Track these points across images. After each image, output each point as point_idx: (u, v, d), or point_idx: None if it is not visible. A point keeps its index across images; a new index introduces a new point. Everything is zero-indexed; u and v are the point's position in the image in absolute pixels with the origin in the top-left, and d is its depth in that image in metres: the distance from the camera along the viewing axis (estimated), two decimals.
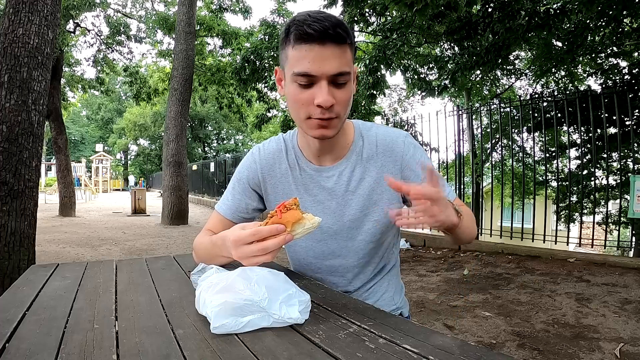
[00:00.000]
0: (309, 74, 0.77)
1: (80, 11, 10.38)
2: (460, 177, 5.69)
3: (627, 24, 6.54)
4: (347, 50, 0.79)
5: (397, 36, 6.04)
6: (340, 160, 0.94)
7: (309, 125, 0.83)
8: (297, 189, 0.96)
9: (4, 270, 2.84)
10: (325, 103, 0.77)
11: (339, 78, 0.78)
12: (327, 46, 0.76)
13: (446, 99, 14.40)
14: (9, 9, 3.03)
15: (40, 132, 3.13)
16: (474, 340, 2.35)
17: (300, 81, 0.78)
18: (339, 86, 0.79)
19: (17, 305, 0.72)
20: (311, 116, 0.81)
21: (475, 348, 0.53)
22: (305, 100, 0.80)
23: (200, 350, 0.54)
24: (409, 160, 0.93)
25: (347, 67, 0.79)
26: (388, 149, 0.94)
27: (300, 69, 0.77)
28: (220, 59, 13.46)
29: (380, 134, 0.96)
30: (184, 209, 8.72)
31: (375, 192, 0.93)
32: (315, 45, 0.75)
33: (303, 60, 0.77)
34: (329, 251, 0.98)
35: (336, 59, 0.77)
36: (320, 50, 0.76)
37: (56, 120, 9.46)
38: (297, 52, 0.77)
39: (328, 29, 0.75)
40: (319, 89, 0.78)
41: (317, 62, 0.76)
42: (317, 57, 0.76)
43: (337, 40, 0.76)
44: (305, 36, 0.75)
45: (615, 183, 5.61)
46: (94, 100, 39.10)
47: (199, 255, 0.98)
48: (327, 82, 0.78)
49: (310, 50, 0.76)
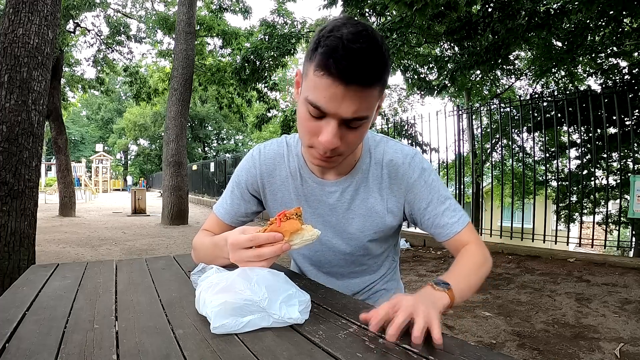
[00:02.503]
0: (320, 109, 0.69)
1: (80, 11, 10.38)
2: (460, 177, 5.69)
3: (627, 24, 6.54)
4: (374, 91, 0.68)
5: (397, 36, 6.04)
6: (345, 177, 0.90)
7: (310, 153, 0.78)
8: (297, 198, 0.93)
9: (4, 270, 2.83)
10: (329, 145, 0.71)
11: (353, 122, 0.70)
12: (350, 87, 0.65)
13: (446, 99, 14.42)
14: (9, 9, 3.03)
15: (40, 132, 3.13)
16: (474, 340, 2.35)
17: (311, 111, 0.70)
18: (351, 127, 0.71)
19: (17, 305, 0.72)
20: (314, 146, 0.75)
21: (475, 348, 0.53)
22: (312, 130, 0.73)
23: (200, 350, 0.54)
24: (414, 183, 0.88)
25: (367, 111, 0.70)
26: (394, 171, 0.89)
27: (313, 100, 0.68)
28: (220, 59, 13.45)
29: (388, 153, 0.90)
30: (184, 209, 8.72)
31: (378, 213, 0.91)
32: (337, 85, 0.65)
33: (320, 92, 0.67)
34: (325, 261, 0.98)
35: (357, 102, 0.67)
36: (341, 90, 0.65)
37: (56, 120, 9.45)
38: (317, 80, 0.67)
39: (359, 69, 0.64)
40: (327, 126, 0.70)
41: (334, 103, 0.67)
42: (336, 97, 0.66)
43: (366, 82, 0.66)
44: (328, 68, 0.65)
45: (615, 183, 5.61)
46: (94, 100, 39.12)
47: (198, 255, 0.97)
48: (338, 122, 0.69)
49: (330, 87, 0.66)
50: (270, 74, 9.50)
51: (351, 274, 0.99)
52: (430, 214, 0.88)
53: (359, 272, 0.99)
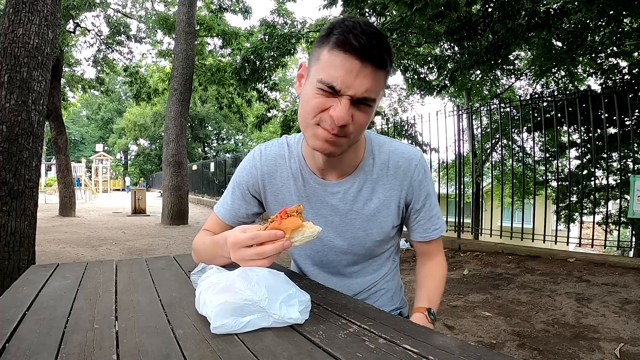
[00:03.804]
0: (334, 87, 0.71)
1: (80, 11, 10.38)
2: (460, 177, 5.69)
3: (627, 24, 6.54)
4: (382, 76, 0.73)
5: (397, 36, 6.04)
6: (347, 177, 0.90)
7: (314, 133, 0.76)
8: (299, 199, 0.93)
9: (4, 270, 2.84)
10: (340, 120, 0.72)
11: (362, 103, 0.73)
12: (365, 64, 0.69)
13: (446, 99, 14.42)
14: (9, 9, 3.03)
15: (40, 132, 3.13)
16: (474, 340, 2.35)
17: (321, 87, 0.72)
18: (360, 108, 0.74)
19: (17, 305, 0.72)
20: (320, 124, 0.75)
21: (475, 348, 0.53)
22: (321, 105, 0.73)
23: (200, 350, 0.54)
24: (415, 185, 0.91)
25: (375, 93, 0.73)
26: (399, 171, 0.91)
27: (326, 78, 0.71)
28: (220, 59, 13.45)
29: (394, 153, 0.91)
30: (184, 209, 8.72)
31: (381, 213, 0.91)
32: (353, 60, 0.69)
33: (336, 69, 0.70)
34: (327, 261, 0.98)
35: (369, 81, 0.70)
36: (357, 66, 0.69)
37: (56, 120, 9.46)
38: (333, 58, 0.70)
39: (374, 47, 0.68)
40: (339, 103, 0.72)
41: (349, 78, 0.69)
42: (351, 72, 0.69)
43: (378, 63, 0.70)
44: (348, 45, 0.68)
45: (615, 183, 5.61)
46: (94, 100, 39.12)
47: (199, 255, 0.97)
48: (350, 100, 0.72)
49: (347, 62, 0.69)
50: (270, 74, 9.51)
51: (352, 274, 0.99)
52: (419, 215, 0.95)
53: (360, 272, 0.99)
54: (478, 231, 5.71)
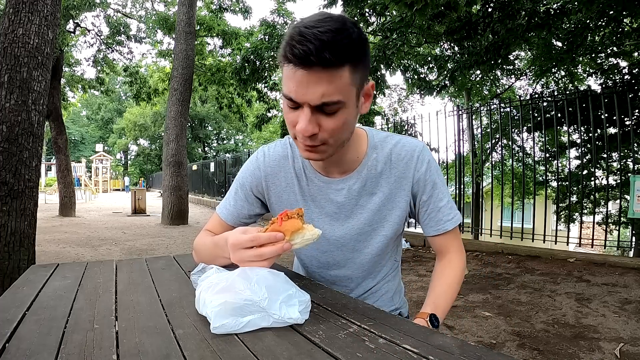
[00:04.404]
0: (292, 99, 0.70)
1: (80, 11, 10.38)
2: (460, 177, 5.69)
3: (627, 24, 6.54)
4: (341, 73, 0.67)
5: (397, 36, 6.05)
6: (351, 174, 0.91)
7: (297, 145, 0.79)
8: (304, 199, 0.93)
9: (4, 270, 2.84)
10: (304, 132, 0.71)
11: (326, 107, 0.70)
12: (312, 71, 0.66)
13: (446, 99, 14.43)
14: (9, 9, 3.03)
15: (40, 132, 3.13)
16: (474, 340, 2.35)
17: (287, 103, 0.73)
18: (326, 113, 0.71)
19: (17, 305, 0.72)
20: (297, 137, 0.76)
21: (475, 348, 0.53)
22: (291, 121, 0.74)
23: (200, 350, 0.54)
24: (420, 176, 0.90)
25: (338, 94, 0.69)
26: (402, 163, 0.90)
27: (285, 91, 0.71)
28: (220, 59, 13.46)
29: (396, 146, 0.91)
30: (184, 209, 8.72)
31: (386, 207, 0.91)
32: (298, 70, 0.66)
33: (289, 82, 0.69)
34: (333, 262, 0.98)
35: (322, 86, 0.67)
36: (304, 76, 0.67)
37: (56, 120, 9.46)
38: (285, 71, 0.69)
39: (310, 54, 0.64)
40: (302, 114, 0.71)
41: (301, 89, 0.68)
42: (301, 82, 0.67)
43: (325, 64, 0.65)
44: (288, 57, 0.67)
45: (615, 183, 5.61)
46: (94, 100, 39.13)
47: (199, 255, 0.97)
48: (311, 109, 0.70)
49: (294, 74, 0.67)
50: (270, 74, 9.52)
51: (357, 277, 0.99)
52: (429, 207, 0.91)
53: (365, 275, 0.99)
54: (478, 231, 5.71)
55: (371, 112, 8.12)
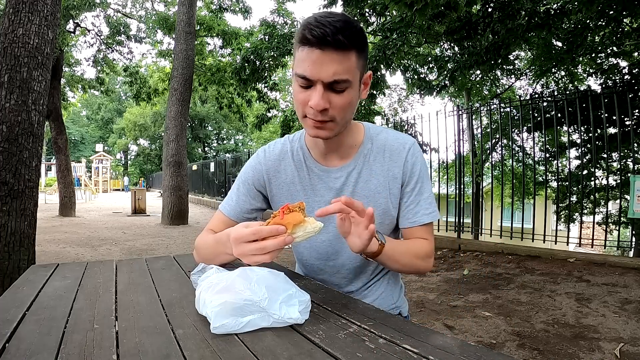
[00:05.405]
0: (306, 77, 0.79)
1: (80, 11, 10.38)
2: (460, 177, 5.69)
3: (627, 24, 6.54)
4: (350, 56, 0.78)
5: (397, 36, 6.04)
6: (348, 162, 0.96)
7: (306, 124, 0.86)
8: (304, 190, 0.98)
9: (4, 270, 2.84)
10: (317, 107, 0.79)
11: (336, 85, 0.79)
12: (326, 52, 0.76)
13: (446, 99, 14.43)
14: (9, 9, 3.03)
15: (40, 132, 3.13)
16: (474, 340, 2.35)
17: (300, 82, 0.81)
18: (336, 92, 0.80)
19: (17, 305, 0.72)
20: (307, 115, 0.83)
21: (475, 348, 0.53)
22: (303, 100, 0.82)
23: (200, 350, 0.54)
24: (408, 166, 0.95)
25: (347, 74, 0.79)
26: (395, 154, 0.96)
27: (299, 71, 0.79)
28: (220, 59, 13.45)
29: (389, 139, 0.98)
30: (184, 209, 8.72)
31: (381, 194, 0.95)
32: (314, 50, 0.76)
33: (303, 62, 0.78)
34: (332, 251, 0.99)
35: (334, 65, 0.77)
36: (319, 55, 0.77)
37: (56, 120, 9.46)
38: (300, 54, 0.79)
39: (327, 35, 0.75)
40: (314, 91, 0.79)
41: (315, 67, 0.77)
42: (316, 61, 0.77)
43: (338, 46, 0.76)
44: (305, 40, 0.77)
45: (615, 183, 5.61)
46: (94, 100, 39.12)
47: (201, 253, 0.98)
48: (323, 86, 0.79)
49: (309, 54, 0.77)
50: (270, 74, 9.52)
51: (356, 267, 0.99)
52: (409, 198, 0.96)
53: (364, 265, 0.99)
54: (478, 231, 5.70)
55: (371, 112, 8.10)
